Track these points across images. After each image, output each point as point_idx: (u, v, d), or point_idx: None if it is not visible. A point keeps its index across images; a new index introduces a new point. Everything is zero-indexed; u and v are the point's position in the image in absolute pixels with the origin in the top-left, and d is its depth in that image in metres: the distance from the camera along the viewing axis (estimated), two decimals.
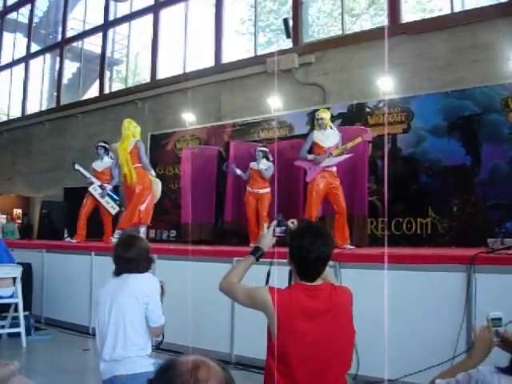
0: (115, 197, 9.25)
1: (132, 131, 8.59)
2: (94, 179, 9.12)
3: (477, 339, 2.45)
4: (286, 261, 2.84)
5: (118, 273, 3.63)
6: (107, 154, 9.38)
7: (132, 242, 3.67)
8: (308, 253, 2.68)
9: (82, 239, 9.14)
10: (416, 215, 8.84)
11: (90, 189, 9.13)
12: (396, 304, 4.81)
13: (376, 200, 9.00)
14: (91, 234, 9.47)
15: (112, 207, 9.17)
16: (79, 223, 9.21)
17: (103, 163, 9.38)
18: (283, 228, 3.05)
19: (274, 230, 3.05)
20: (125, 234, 4.18)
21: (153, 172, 8.82)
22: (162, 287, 3.78)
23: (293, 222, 3.05)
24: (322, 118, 7.68)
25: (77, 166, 9.23)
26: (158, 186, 8.84)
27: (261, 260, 3.01)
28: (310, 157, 7.57)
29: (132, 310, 3.49)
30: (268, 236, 3.04)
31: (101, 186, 9.11)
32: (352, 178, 8.48)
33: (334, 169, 7.60)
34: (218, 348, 6.07)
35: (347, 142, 7.63)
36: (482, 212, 8.42)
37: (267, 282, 3.00)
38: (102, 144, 9.46)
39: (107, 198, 9.12)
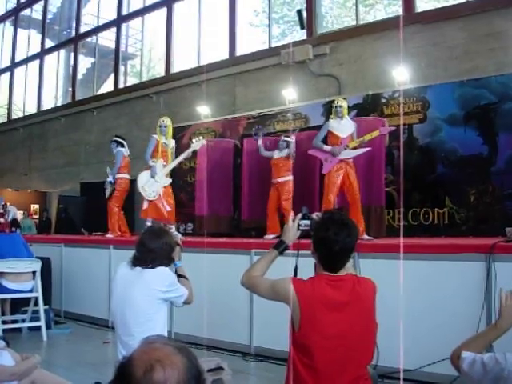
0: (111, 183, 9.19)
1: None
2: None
3: (503, 307, 2.44)
4: (310, 252, 2.81)
5: (134, 263, 3.62)
6: (122, 147, 9.32)
7: (161, 234, 3.72)
8: (333, 244, 2.65)
9: (125, 235, 9.15)
10: (433, 205, 8.80)
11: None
12: (415, 294, 4.82)
13: (393, 190, 8.97)
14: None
15: (107, 191, 9.18)
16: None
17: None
18: (308, 221, 2.97)
19: (299, 223, 2.97)
20: (157, 225, 4.25)
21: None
22: (179, 244, 3.92)
23: (317, 215, 2.97)
24: (340, 106, 7.54)
25: (108, 170, 9.35)
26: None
27: (288, 252, 2.97)
28: (327, 148, 7.43)
29: (144, 306, 3.50)
30: (292, 229, 2.98)
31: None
32: (369, 169, 8.42)
33: (351, 159, 7.54)
34: (237, 340, 6.09)
35: (364, 133, 7.57)
36: (499, 201, 8.35)
37: (295, 275, 2.95)
38: (113, 139, 9.52)
39: (108, 187, 9.14)
